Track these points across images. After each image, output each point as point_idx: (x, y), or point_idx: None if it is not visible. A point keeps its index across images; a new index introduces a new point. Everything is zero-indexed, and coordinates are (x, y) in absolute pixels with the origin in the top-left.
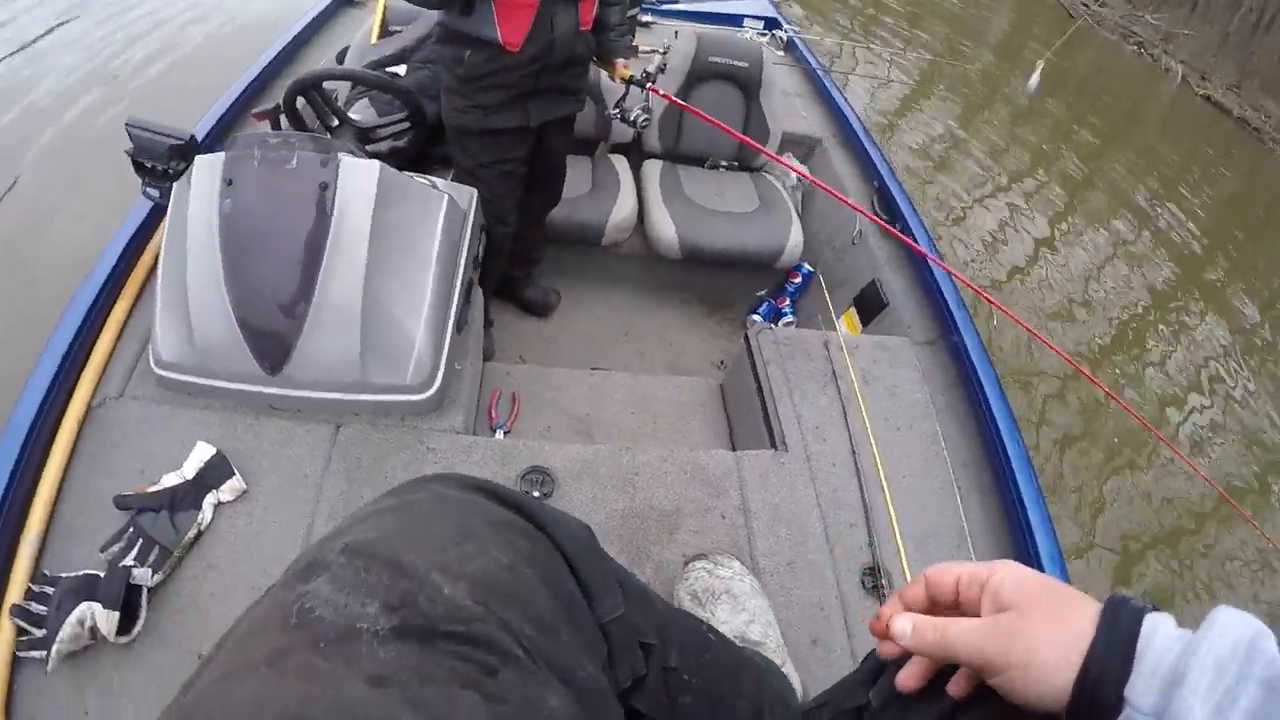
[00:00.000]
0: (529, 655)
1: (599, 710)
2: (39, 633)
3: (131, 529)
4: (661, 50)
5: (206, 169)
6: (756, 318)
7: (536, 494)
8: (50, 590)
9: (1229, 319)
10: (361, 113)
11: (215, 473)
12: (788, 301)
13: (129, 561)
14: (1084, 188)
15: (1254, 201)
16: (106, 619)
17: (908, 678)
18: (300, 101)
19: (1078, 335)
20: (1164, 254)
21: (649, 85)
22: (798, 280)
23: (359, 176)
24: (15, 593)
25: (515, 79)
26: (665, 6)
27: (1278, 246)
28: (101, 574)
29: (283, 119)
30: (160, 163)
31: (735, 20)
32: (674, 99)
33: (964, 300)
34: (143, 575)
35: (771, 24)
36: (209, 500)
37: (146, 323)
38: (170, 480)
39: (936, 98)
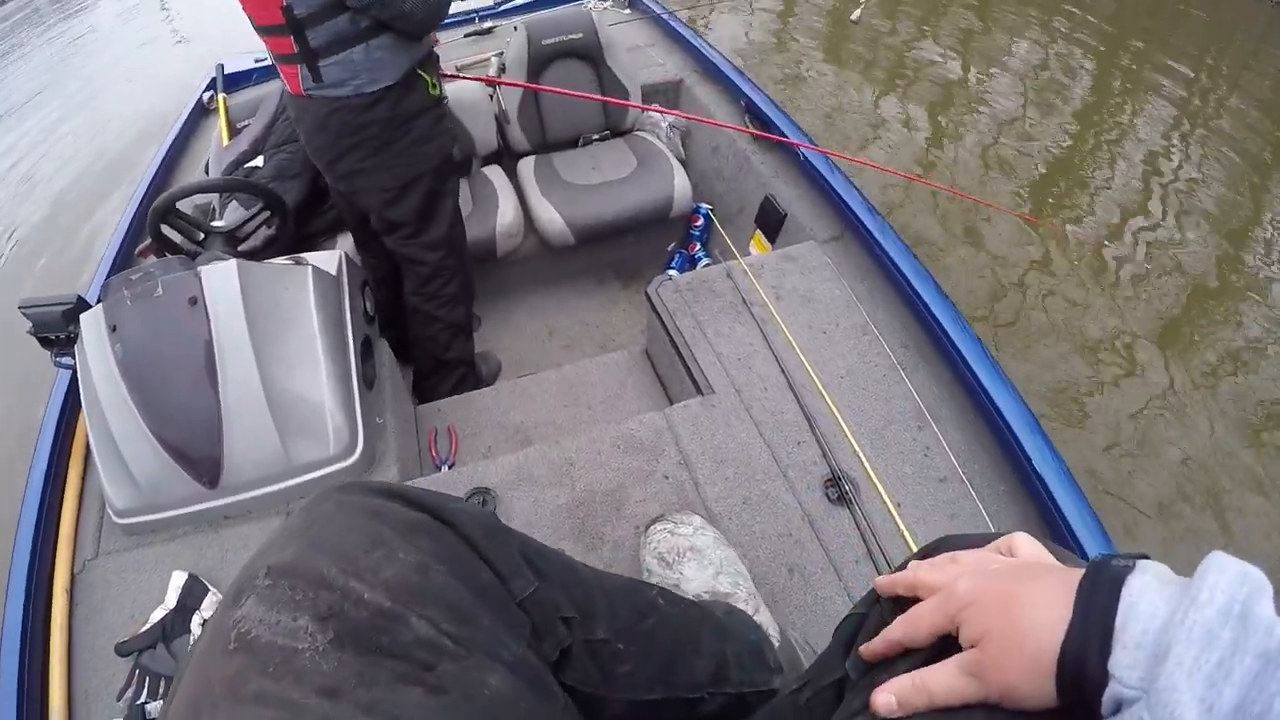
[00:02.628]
0: (457, 644)
1: (535, 683)
2: None
3: (138, 670)
4: (498, 54)
5: (91, 323)
6: (672, 271)
7: None
8: None
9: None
10: (232, 214)
11: (193, 595)
12: (698, 246)
13: (143, 699)
14: (980, 33)
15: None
16: None
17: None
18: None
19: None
20: (1073, 83)
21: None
22: (699, 223)
23: (220, 280)
24: None
25: None
26: (503, 7)
27: (1178, 37)
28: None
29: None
30: (61, 331)
31: None
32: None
33: (856, 186)
34: (155, 708)
35: None
36: (195, 621)
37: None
38: (157, 615)
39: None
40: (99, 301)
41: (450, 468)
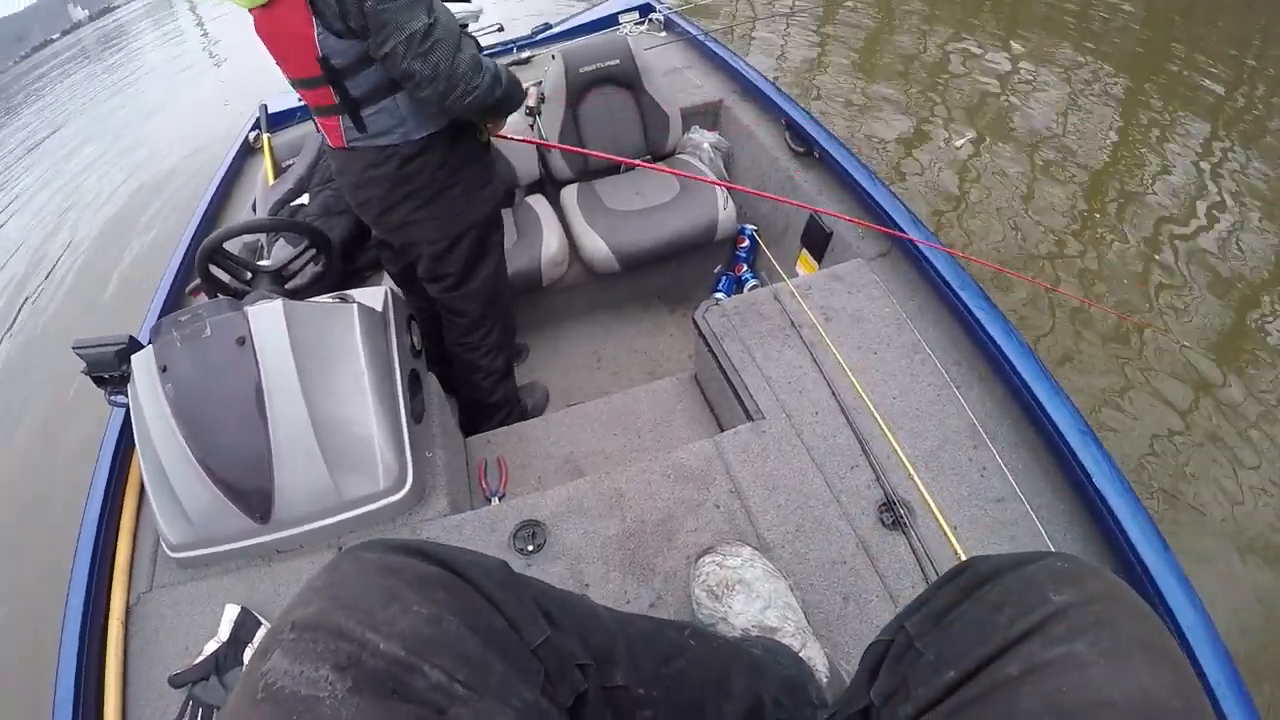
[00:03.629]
0: (468, 689)
1: None
2: None
3: (190, 702)
4: (536, 84)
5: (142, 364)
6: (719, 295)
7: (530, 548)
8: None
9: (1201, 117)
10: (280, 252)
11: (246, 628)
12: (745, 268)
13: None
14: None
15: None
16: None
17: None
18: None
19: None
20: (1108, 85)
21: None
22: (745, 245)
23: (267, 320)
24: None
25: None
26: (540, 36)
27: (1219, 28)
28: None
29: None
30: (114, 370)
31: (612, 21)
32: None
33: (901, 200)
34: None
35: (645, 10)
36: (248, 653)
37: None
38: (210, 647)
39: (844, 21)
40: (149, 342)
41: (500, 499)
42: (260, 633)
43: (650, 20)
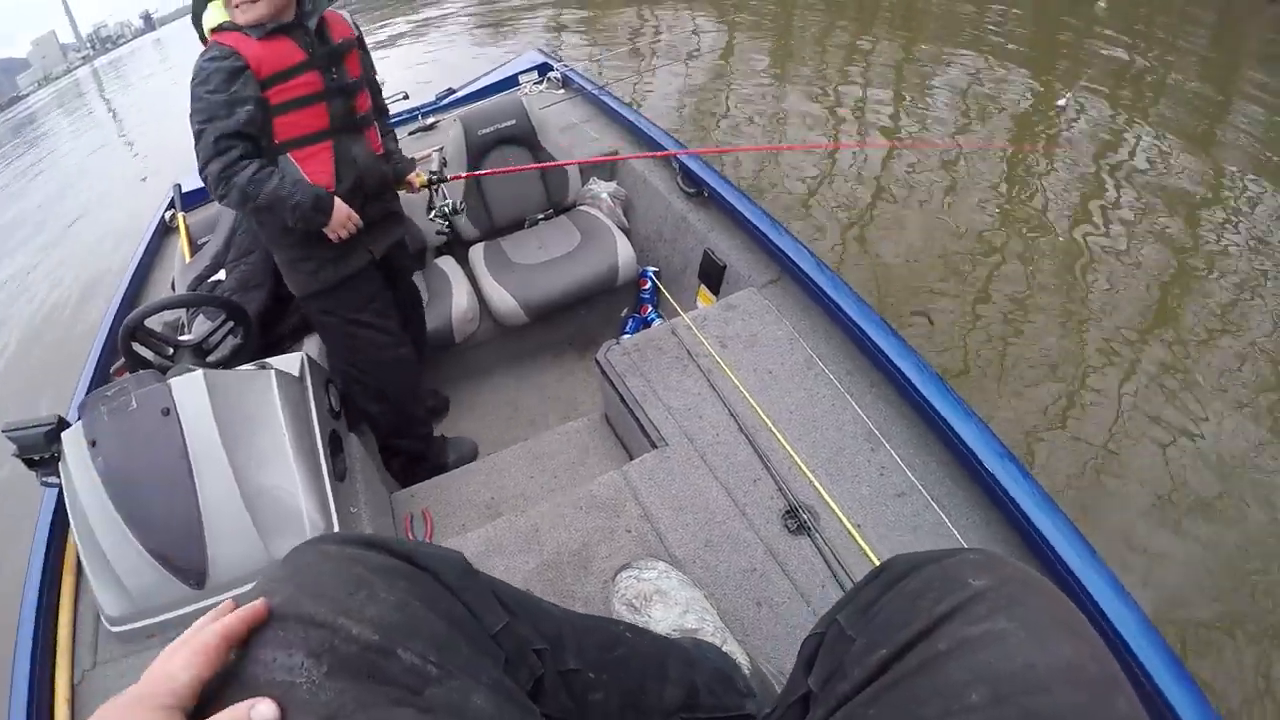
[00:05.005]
0: (440, 669)
1: (515, 701)
2: None
3: None
4: (438, 149)
5: (72, 441)
6: (627, 336)
7: None
8: None
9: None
10: (200, 327)
11: None
12: (650, 309)
13: None
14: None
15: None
16: None
17: None
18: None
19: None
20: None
21: (445, 179)
22: (647, 286)
23: (189, 389)
24: None
25: None
26: (444, 102)
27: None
28: None
29: None
30: (45, 451)
31: (512, 82)
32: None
33: (787, 230)
34: None
35: (544, 69)
36: None
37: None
38: None
39: (747, 40)
40: (78, 419)
41: None
42: None
43: (549, 79)
